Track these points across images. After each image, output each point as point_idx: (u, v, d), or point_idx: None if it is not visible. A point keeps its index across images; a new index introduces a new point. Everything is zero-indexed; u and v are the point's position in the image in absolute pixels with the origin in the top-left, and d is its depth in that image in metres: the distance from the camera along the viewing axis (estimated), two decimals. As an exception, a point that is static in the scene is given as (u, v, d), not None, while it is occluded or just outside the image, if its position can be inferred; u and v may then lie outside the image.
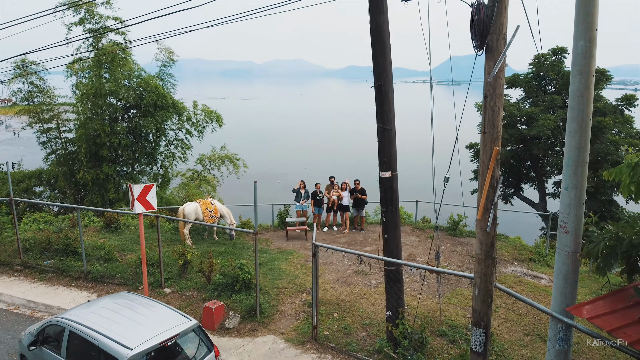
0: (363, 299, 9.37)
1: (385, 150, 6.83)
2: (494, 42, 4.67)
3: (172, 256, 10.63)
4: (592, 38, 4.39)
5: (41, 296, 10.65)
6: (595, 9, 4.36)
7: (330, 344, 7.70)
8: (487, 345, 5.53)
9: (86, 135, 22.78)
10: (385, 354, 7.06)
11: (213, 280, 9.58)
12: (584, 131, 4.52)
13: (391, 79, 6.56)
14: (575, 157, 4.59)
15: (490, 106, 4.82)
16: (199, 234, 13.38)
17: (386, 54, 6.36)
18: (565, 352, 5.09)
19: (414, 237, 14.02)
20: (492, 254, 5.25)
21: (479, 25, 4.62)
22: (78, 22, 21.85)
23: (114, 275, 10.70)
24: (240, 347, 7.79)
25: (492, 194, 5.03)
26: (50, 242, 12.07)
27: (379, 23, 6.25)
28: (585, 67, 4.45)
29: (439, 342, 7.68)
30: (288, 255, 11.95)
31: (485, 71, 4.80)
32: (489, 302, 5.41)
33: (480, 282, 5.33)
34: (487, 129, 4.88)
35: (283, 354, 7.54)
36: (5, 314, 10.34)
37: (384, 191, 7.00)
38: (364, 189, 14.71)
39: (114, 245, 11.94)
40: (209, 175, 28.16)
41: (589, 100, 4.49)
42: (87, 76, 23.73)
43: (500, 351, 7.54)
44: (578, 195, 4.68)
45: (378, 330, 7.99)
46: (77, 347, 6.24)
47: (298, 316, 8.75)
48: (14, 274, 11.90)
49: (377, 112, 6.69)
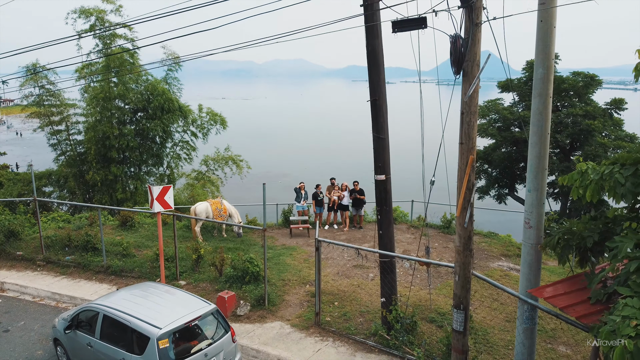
0: (361, 289, 10.29)
1: (380, 157, 7.74)
2: (469, 68, 5.58)
3: (186, 251, 11.55)
4: (549, 66, 5.30)
5: (65, 288, 11.56)
6: (551, 44, 5.26)
7: (331, 329, 8.63)
8: (466, 324, 6.44)
9: (95, 137, 23.71)
10: (380, 336, 7.98)
11: (224, 273, 10.51)
12: (543, 143, 5.44)
13: (385, 94, 7.48)
14: (536, 164, 5.50)
15: (466, 121, 5.73)
16: (208, 232, 14.32)
17: (380, 73, 7.28)
18: (531, 329, 6.00)
19: (409, 235, 14.95)
20: (469, 246, 6.16)
21: (456, 54, 5.53)
22: (88, 29, 22.78)
23: (132, 269, 11.63)
24: (251, 331, 8.71)
25: (468, 195, 5.94)
26: (71, 239, 12.98)
27: (374, 47, 7.17)
28: (543, 90, 5.36)
29: (428, 327, 8.60)
30: (292, 251, 12.88)
31: (462, 92, 5.71)
32: (468, 287, 6.31)
33: (459, 270, 6.24)
34: (463, 140, 5.79)
35: (289, 337, 8.47)
36: (33, 305, 11.25)
37: (378, 192, 7.92)
38: (362, 189, 15.62)
39: (130, 242, 12.87)
40: (212, 176, 29.06)
41: (547, 117, 5.40)
42: (95, 80, 24.69)
43: (484, 335, 8.45)
44: (539, 197, 5.59)
45: (374, 317, 8.91)
46: (111, 328, 7.14)
47: (302, 305, 9.68)
48: (37, 269, 12.81)
49: (373, 123, 7.61)
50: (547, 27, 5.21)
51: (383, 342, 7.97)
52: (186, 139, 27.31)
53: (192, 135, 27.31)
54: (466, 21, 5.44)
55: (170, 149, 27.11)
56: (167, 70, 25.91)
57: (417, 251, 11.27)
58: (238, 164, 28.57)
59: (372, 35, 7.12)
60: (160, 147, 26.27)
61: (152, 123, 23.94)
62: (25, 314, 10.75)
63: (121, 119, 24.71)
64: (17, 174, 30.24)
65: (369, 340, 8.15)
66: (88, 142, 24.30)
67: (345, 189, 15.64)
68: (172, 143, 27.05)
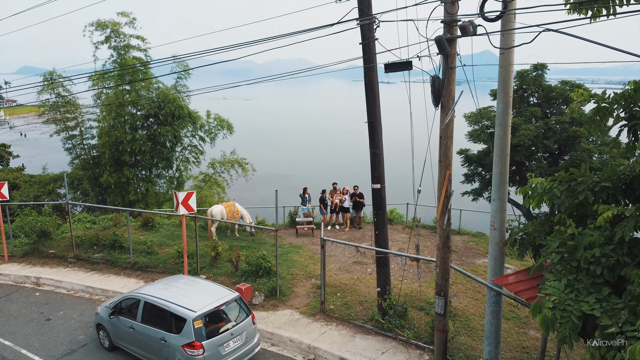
0: (360, 282, 11.72)
1: (376, 168, 9.16)
2: (446, 102, 6.98)
3: (204, 249, 12.97)
4: (508, 102, 6.71)
5: (97, 282, 12.97)
6: (509, 85, 6.67)
7: (334, 315, 10.05)
8: (446, 308, 7.85)
9: (109, 142, 25.12)
10: (376, 320, 9.40)
11: (240, 268, 11.93)
12: (503, 162, 6.84)
13: (380, 116, 8.88)
14: (498, 179, 6.91)
15: (443, 144, 7.13)
16: (222, 232, 15.75)
17: (376, 100, 8.68)
18: (497, 311, 7.42)
19: (404, 235, 16.36)
20: (448, 243, 7.56)
21: (435, 91, 6.92)
22: (104, 41, 24.20)
23: (157, 265, 13.05)
24: (266, 318, 10.13)
25: (446, 202, 7.34)
26: (99, 238, 14.40)
27: (371, 78, 8.58)
28: (503, 121, 6.78)
29: (417, 313, 10.01)
30: (298, 249, 14.30)
31: (440, 120, 7.11)
32: (447, 277, 7.72)
33: (440, 263, 7.65)
34: (441, 159, 7.19)
35: (299, 322, 9.89)
36: (68, 297, 12.67)
37: (375, 198, 9.33)
38: (362, 193, 17.04)
39: (154, 241, 14.30)
40: (219, 178, 30.44)
41: (507, 142, 6.80)
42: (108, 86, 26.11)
43: (465, 320, 9.87)
44: (502, 205, 7.00)
45: (371, 305, 10.32)
46: (151, 313, 8.54)
47: (309, 295, 11.10)
48: (69, 266, 14.23)
49: (370, 140, 9.02)
50: (505, 72, 6.62)
51: (378, 325, 9.39)
52: (194, 144, 28.68)
53: (200, 140, 28.69)
54: (443, 65, 6.84)
55: (180, 152, 28.49)
56: (176, 78, 27.28)
57: (407, 249, 12.66)
58: (244, 167, 29.89)
59: (369, 69, 8.53)
60: (170, 151, 27.64)
61: (163, 129, 25.31)
62: (63, 304, 12.16)
63: (133, 125, 26.09)
64: (33, 176, 31.64)
65: (366, 325, 9.57)
66: (102, 146, 25.66)
67: (346, 193, 17.06)
68: (181, 147, 28.42)
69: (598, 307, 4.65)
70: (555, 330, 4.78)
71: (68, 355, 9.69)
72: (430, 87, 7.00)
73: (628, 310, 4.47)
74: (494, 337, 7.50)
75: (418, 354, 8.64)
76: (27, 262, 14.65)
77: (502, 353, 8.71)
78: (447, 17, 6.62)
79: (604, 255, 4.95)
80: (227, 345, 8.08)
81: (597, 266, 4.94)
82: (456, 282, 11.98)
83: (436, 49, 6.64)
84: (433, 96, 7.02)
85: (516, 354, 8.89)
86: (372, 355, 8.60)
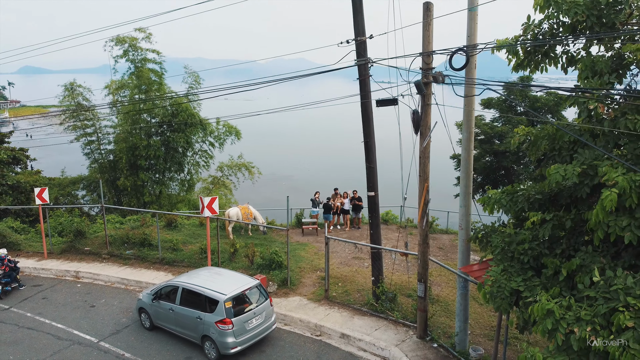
0: (358, 274, 13.72)
1: (371, 179, 11.16)
2: (423, 130, 8.97)
3: (223, 246, 14.97)
4: (471, 132, 8.71)
5: (130, 275, 14.96)
6: (471, 119, 8.66)
7: (336, 301, 12.05)
8: (426, 292, 9.84)
9: (126, 147, 27.10)
10: (371, 304, 11.40)
11: (255, 262, 13.93)
12: (467, 178, 8.84)
13: (373, 136, 10.87)
14: (464, 191, 8.91)
15: (422, 163, 9.12)
16: (237, 231, 17.76)
17: (370, 123, 10.67)
18: (465, 294, 9.42)
19: (397, 234, 18.36)
20: (426, 240, 9.56)
21: (414, 121, 8.91)
22: (122, 55, 26.22)
23: (182, 260, 15.06)
24: (279, 303, 12.13)
25: (425, 208, 9.33)
26: (129, 237, 16.40)
27: (366, 105, 10.58)
28: (467, 146, 8.77)
29: (405, 299, 12.02)
30: (305, 247, 16.31)
31: (419, 144, 9.09)
32: (426, 267, 9.71)
33: (420, 256, 9.64)
34: (421, 174, 9.18)
35: (307, 307, 11.90)
36: (106, 288, 14.65)
37: (370, 204, 11.33)
38: (360, 197, 19.03)
39: (178, 239, 16.32)
40: (226, 181, 32.40)
41: (470, 163, 8.79)
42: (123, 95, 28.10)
43: (445, 305, 11.86)
44: (466, 210, 9.00)
45: (367, 292, 12.32)
46: (188, 297, 10.52)
47: (315, 285, 13.11)
48: (103, 261, 16.23)
49: (365, 156, 11.01)
50: (469, 110, 8.61)
51: (373, 308, 11.39)
52: (204, 149, 30.64)
53: (209, 145, 30.64)
54: (421, 103, 8.83)
55: (191, 157, 30.46)
56: (188, 88, 29.24)
57: (397, 245, 14.66)
58: (250, 170, 31.86)
59: (365, 96, 10.52)
60: (182, 156, 29.61)
61: (176, 136, 27.28)
62: (103, 294, 14.16)
63: (148, 132, 28.06)
64: (52, 179, 33.56)
65: (363, 308, 11.57)
66: (119, 151, 27.62)
67: (346, 197, 19.06)
68: (192, 152, 30.40)
69: (523, 284, 6.63)
70: (494, 301, 6.77)
71: (114, 334, 11.68)
72: (411, 119, 9.00)
73: (541, 286, 6.46)
74: (463, 314, 9.51)
75: (404, 330, 10.64)
76: (65, 258, 16.65)
77: (475, 330, 10.75)
78: (424, 66, 8.62)
79: (530, 248, 6.93)
80: (251, 322, 10.08)
81: (525, 256, 6.92)
82: (441, 275, 13.98)
83: (416, 90, 8.65)
84: (413, 126, 9.02)
85: (485, 331, 10.89)
86: (367, 331, 10.60)
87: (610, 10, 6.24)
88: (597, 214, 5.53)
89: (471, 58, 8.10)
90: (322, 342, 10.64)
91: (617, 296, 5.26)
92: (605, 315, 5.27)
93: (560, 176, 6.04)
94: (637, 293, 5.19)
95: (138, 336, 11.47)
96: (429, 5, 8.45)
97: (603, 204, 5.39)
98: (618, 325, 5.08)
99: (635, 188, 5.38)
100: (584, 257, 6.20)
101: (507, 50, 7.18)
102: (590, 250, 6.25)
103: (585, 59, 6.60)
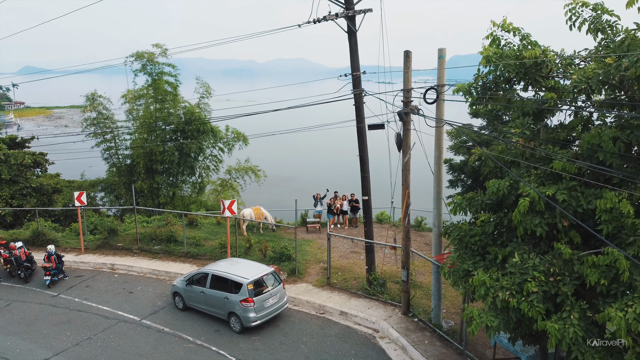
0: (355, 265, 16.22)
1: (365, 186, 13.64)
2: (405, 148, 11.43)
3: (240, 242, 17.45)
4: (441, 150, 11.17)
5: (160, 267, 17.43)
6: (441, 140, 11.13)
7: (336, 286, 14.55)
8: (408, 277, 12.32)
9: (143, 153, 29.55)
10: (365, 289, 13.90)
11: (267, 255, 16.42)
12: (439, 187, 11.32)
13: (367, 151, 13.36)
14: (436, 199, 11.38)
15: (404, 174, 11.60)
16: (249, 229, 20.27)
17: (364, 140, 13.16)
18: (438, 277, 11.88)
19: (390, 232, 20.84)
20: (408, 235, 12.03)
21: (398, 142, 11.37)
22: (141, 69, 28.72)
23: (205, 253, 17.56)
24: (289, 288, 14.61)
25: (407, 209, 11.80)
26: (157, 234, 18.89)
27: (361, 126, 13.07)
28: (438, 161, 11.24)
29: (394, 285, 14.50)
30: (309, 242, 18.80)
31: (402, 160, 11.56)
32: (408, 257, 12.18)
33: (404, 248, 12.13)
34: (403, 183, 11.66)
35: (312, 291, 14.40)
36: (140, 278, 17.06)
37: (364, 207, 13.82)
38: (357, 199, 21.50)
39: (200, 236, 18.82)
40: (234, 183, 34.83)
41: (440, 175, 11.25)
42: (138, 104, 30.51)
43: (427, 290, 14.33)
44: (438, 212, 11.48)
45: (362, 280, 14.80)
46: (216, 281, 12.99)
47: (318, 274, 15.60)
48: (134, 255, 18.70)
49: (360, 167, 13.50)
50: (439, 133, 11.08)
51: (366, 292, 13.89)
52: (214, 154, 33.05)
53: (219, 150, 33.07)
54: (403, 127, 11.29)
55: (202, 161, 32.90)
56: (199, 97, 31.68)
57: (386, 240, 17.14)
58: (256, 173, 34.27)
59: (359, 119, 13.01)
60: (194, 160, 32.05)
61: (190, 142, 29.74)
62: (138, 282, 16.62)
63: (164, 138, 30.50)
64: (71, 182, 35.94)
65: (358, 292, 14.07)
66: (137, 157, 30.04)
67: (345, 199, 21.56)
68: (203, 157, 32.83)
69: (472, 266, 9.09)
70: (452, 278, 9.24)
71: (153, 314, 14.15)
72: (395, 140, 11.47)
73: (484, 267, 8.93)
74: (437, 294, 11.99)
75: (392, 308, 13.14)
76: (100, 253, 19.13)
77: (450, 310, 13.22)
78: (404, 99, 11.11)
79: (480, 240, 9.39)
80: (267, 302, 12.56)
81: (475, 246, 9.39)
82: (424, 266, 16.46)
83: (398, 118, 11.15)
84: (397, 145, 11.50)
85: (458, 310, 13.34)
86: (361, 309, 13.10)
87: (532, 69, 8.72)
88: (516, 215, 8.00)
89: (440, 95, 10.59)
90: (325, 318, 13.15)
91: (528, 271, 7.73)
92: (520, 284, 7.74)
93: (495, 188, 8.52)
94: (541, 269, 7.67)
95: (173, 315, 13.94)
96: (409, 53, 10.94)
97: (519, 208, 7.87)
98: (527, 290, 7.55)
99: (542, 197, 7.84)
100: (514, 245, 8.67)
101: (463, 92, 9.65)
102: (520, 241, 8.72)
103: (517, 102, 9.08)
